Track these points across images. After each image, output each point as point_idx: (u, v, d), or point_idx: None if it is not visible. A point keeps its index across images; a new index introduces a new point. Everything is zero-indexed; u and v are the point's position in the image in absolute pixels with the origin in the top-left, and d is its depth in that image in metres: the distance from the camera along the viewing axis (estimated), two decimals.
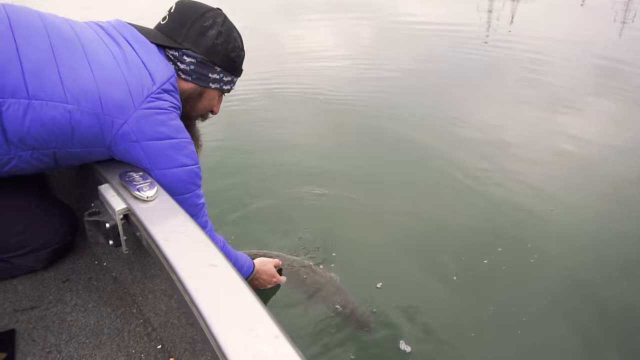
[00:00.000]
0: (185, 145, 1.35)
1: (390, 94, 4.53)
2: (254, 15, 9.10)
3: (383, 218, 2.53)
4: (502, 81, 5.07)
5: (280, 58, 5.96)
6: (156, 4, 3.58)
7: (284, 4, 10.73)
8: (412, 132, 3.61)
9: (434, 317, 1.88)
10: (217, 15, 1.41)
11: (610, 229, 2.48)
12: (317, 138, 3.55)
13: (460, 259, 2.20)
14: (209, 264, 0.97)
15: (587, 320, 1.89)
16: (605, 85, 4.87)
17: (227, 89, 1.51)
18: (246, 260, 1.71)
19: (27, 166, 1.24)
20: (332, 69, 5.39)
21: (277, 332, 0.80)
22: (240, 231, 2.35)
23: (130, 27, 1.37)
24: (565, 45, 6.52)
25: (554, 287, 2.09)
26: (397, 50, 6.40)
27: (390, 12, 9.80)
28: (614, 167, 3.14)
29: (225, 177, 2.90)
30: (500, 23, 8.48)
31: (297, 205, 2.63)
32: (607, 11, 9.49)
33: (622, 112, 4.11)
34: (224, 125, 3.72)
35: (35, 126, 1.15)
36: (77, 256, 1.58)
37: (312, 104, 4.28)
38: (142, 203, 1.20)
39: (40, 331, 1.28)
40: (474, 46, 6.49)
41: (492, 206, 2.65)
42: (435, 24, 7.94)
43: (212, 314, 0.84)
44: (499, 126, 3.77)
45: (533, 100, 4.42)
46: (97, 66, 1.22)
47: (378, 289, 2.01)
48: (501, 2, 11.18)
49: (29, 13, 1.24)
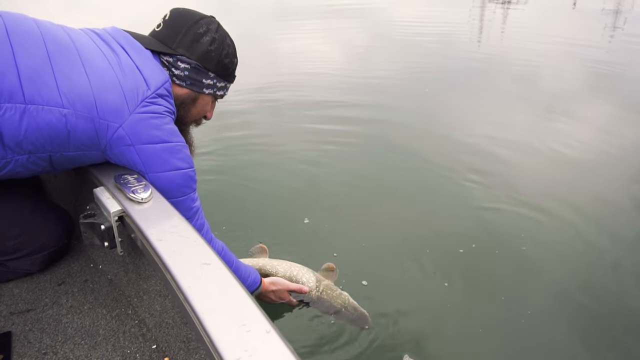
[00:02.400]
0: (180, 148, 1.37)
1: (383, 99, 4.57)
2: (244, 21, 9.14)
3: (373, 221, 2.56)
4: (493, 86, 5.12)
5: (271, 65, 5.97)
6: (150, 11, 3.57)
7: (275, 11, 10.79)
8: (404, 137, 3.64)
9: (422, 315, 1.92)
10: (211, 22, 1.44)
11: (603, 233, 2.50)
12: (308, 143, 3.58)
13: (451, 263, 2.23)
14: (202, 263, 0.99)
15: (576, 324, 1.91)
16: (597, 89, 4.94)
17: (220, 94, 1.54)
18: (251, 273, 1.66)
19: (23, 170, 1.26)
20: (324, 75, 5.41)
21: (268, 327, 0.82)
22: (234, 237, 2.37)
23: (125, 34, 1.40)
24: (556, 50, 6.60)
25: (544, 287, 2.12)
26: (390, 56, 6.44)
27: (383, 17, 9.88)
28: (607, 171, 3.18)
29: (208, 183, 2.92)
30: (492, 29, 8.58)
31: (286, 207, 2.67)
32: (597, 16, 9.63)
33: (613, 116, 4.17)
34: (215, 131, 3.75)
35: (32, 130, 1.17)
36: (73, 259, 1.60)
37: (302, 110, 4.31)
38: (136, 205, 1.22)
39: (36, 333, 1.30)
40: (466, 52, 6.56)
41: (484, 209, 2.68)
42: (428, 31, 8.01)
43: (205, 312, 0.86)
44: (491, 130, 3.81)
45: (525, 105, 4.47)
46: (92, 71, 1.25)
47: (364, 286, 2.05)
48: (493, 6, 11.33)
49: (26, 20, 1.27)
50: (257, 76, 5.32)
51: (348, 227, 2.51)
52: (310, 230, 2.48)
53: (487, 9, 10.86)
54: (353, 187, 2.92)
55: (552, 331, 1.88)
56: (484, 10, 10.73)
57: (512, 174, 3.09)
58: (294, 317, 1.86)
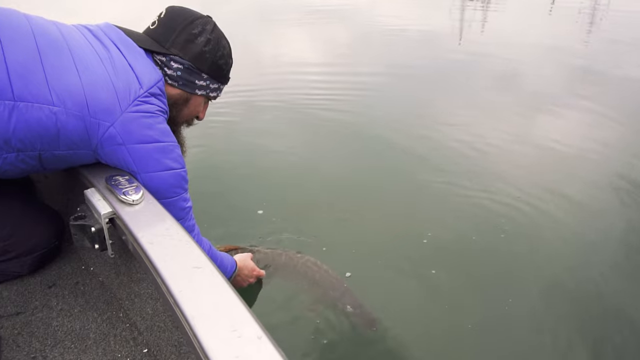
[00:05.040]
0: (172, 148, 1.35)
1: (367, 99, 4.55)
2: (230, 22, 9.10)
3: (360, 218, 2.55)
4: (476, 85, 5.13)
5: (255, 65, 5.87)
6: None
7: (258, 10, 10.76)
8: (389, 136, 3.62)
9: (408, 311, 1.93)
10: (207, 22, 1.42)
11: (593, 231, 2.50)
12: (295, 143, 3.56)
13: (438, 261, 2.21)
14: (193, 267, 0.97)
15: (564, 325, 1.90)
16: (577, 87, 4.99)
17: (213, 95, 1.52)
18: (229, 260, 1.70)
19: (12, 168, 1.23)
20: (307, 75, 5.35)
21: (260, 333, 0.80)
22: (219, 231, 2.35)
23: (118, 31, 1.37)
24: (536, 50, 6.64)
25: (531, 280, 2.12)
26: (372, 56, 6.42)
27: (365, 18, 9.85)
28: (589, 166, 3.21)
29: (201, 180, 2.88)
30: (472, 29, 8.62)
31: (272, 204, 2.66)
32: (574, 17, 9.76)
33: (595, 115, 4.20)
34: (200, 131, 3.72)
35: (21, 128, 1.15)
36: (64, 261, 1.57)
37: (288, 111, 4.27)
38: (127, 207, 1.20)
39: (25, 337, 1.27)
40: (448, 52, 6.57)
41: (471, 207, 2.67)
42: (409, 30, 8.03)
43: (195, 316, 0.84)
44: (475, 129, 3.80)
45: (508, 103, 4.48)
46: (83, 68, 1.22)
47: (347, 277, 2.04)
48: (472, 4, 11.40)
49: (16, 14, 1.24)
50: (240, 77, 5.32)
51: (314, 221, 2.51)
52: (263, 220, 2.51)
53: (466, 8, 10.94)
54: (329, 184, 2.92)
55: (542, 325, 1.88)
56: (464, 10, 10.80)
57: (495, 169, 3.10)
58: (286, 323, 1.83)
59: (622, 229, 2.51)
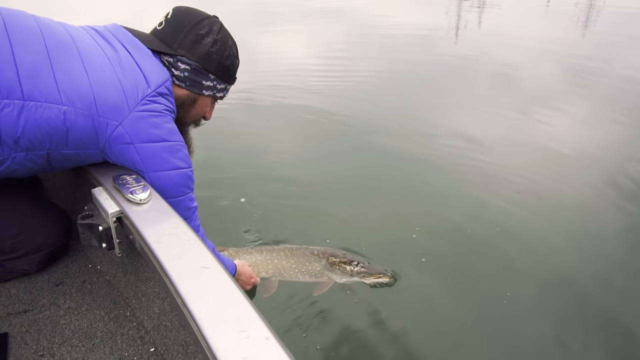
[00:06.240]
0: (179, 148, 1.35)
1: (363, 99, 4.55)
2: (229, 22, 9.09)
3: (358, 215, 2.56)
4: (472, 84, 5.12)
5: (252, 65, 5.90)
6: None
7: (255, 10, 10.76)
8: (385, 135, 3.63)
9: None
10: (214, 23, 1.42)
11: (590, 228, 2.51)
12: (289, 143, 3.57)
13: (436, 258, 2.22)
14: (201, 266, 0.97)
15: (562, 320, 1.91)
16: (573, 85, 4.99)
17: (220, 96, 1.52)
18: (230, 263, 1.71)
19: (20, 168, 1.24)
20: (304, 76, 5.35)
21: (268, 334, 0.80)
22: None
23: (125, 31, 1.37)
24: (532, 48, 6.62)
25: (529, 277, 2.13)
26: (369, 56, 6.41)
27: (362, 18, 9.82)
28: (586, 163, 3.22)
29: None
30: (468, 28, 8.60)
31: (262, 204, 2.67)
32: (570, 16, 9.73)
33: (591, 112, 4.20)
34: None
35: (30, 127, 1.15)
36: (71, 259, 1.58)
37: (285, 111, 4.27)
38: (135, 206, 1.20)
39: (33, 334, 1.28)
40: (444, 51, 6.57)
41: (469, 205, 2.67)
42: (406, 30, 8.02)
43: (203, 316, 0.84)
44: (471, 128, 3.79)
45: (504, 102, 4.48)
46: (91, 68, 1.23)
47: None
48: (469, 3, 11.37)
49: (25, 16, 1.25)
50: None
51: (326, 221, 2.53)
52: (246, 208, 2.56)
53: (463, 8, 10.90)
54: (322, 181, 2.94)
55: (540, 324, 1.88)
56: (460, 9, 10.77)
57: (492, 168, 3.09)
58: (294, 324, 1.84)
59: (619, 224, 2.52)
